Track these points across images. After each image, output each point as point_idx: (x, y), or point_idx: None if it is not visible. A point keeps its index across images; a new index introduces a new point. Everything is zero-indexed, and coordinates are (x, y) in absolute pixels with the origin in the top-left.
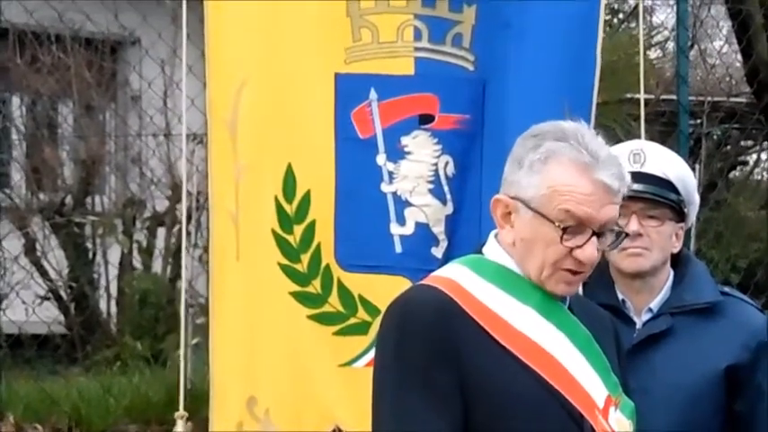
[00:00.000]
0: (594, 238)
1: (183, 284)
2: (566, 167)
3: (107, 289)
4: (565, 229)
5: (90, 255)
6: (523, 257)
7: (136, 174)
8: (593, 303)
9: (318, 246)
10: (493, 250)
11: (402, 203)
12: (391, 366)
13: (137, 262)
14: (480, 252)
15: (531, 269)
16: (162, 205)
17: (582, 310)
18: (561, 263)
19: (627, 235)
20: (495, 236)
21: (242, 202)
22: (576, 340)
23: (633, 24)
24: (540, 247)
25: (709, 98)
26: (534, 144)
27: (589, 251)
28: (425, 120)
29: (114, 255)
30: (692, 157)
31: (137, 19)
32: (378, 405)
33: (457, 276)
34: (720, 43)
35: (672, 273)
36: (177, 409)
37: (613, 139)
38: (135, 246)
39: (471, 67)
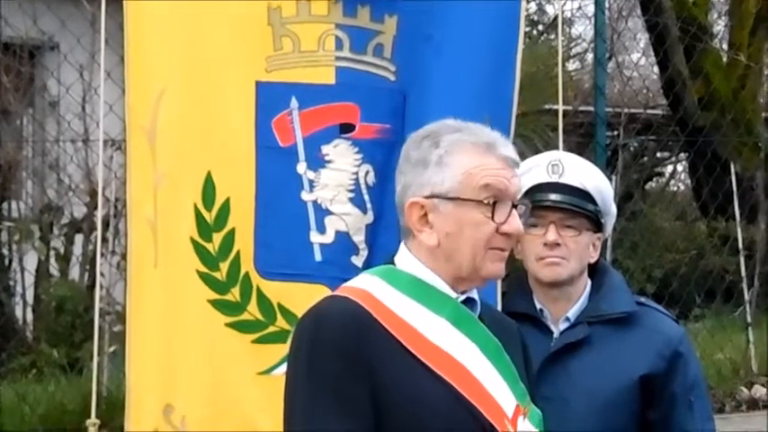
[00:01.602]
0: (515, 210)
1: (97, 292)
2: (471, 152)
3: (23, 296)
4: (493, 204)
5: (6, 261)
6: (452, 253)
7: (53, 180)
8: (501, 313)
9: (238, 254)
10: (405, 260)
11: (322, 212)
12: (303, 378)
13: (54, 269)
14: (392, 263)
15: (464, 260)
16: (80, 212)
17: (491, 320)
18: (491, 242)
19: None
20: (406, 245)
21: (160, 209)
22: (487, 350)
23: (552, 36)
24: (468, 234)
25: (626, 110)
26: (431, 142)
27: (515, 223)
28: (346, 129)
29: (31, 261)
30: (609, 167)
31: (55, 24)
32: (289, 416)
33: (370, 287)
34: (638, 56)
35: (589, 282)
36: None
37: (532, 149)
38: (52, 252)
39: (392, 78)
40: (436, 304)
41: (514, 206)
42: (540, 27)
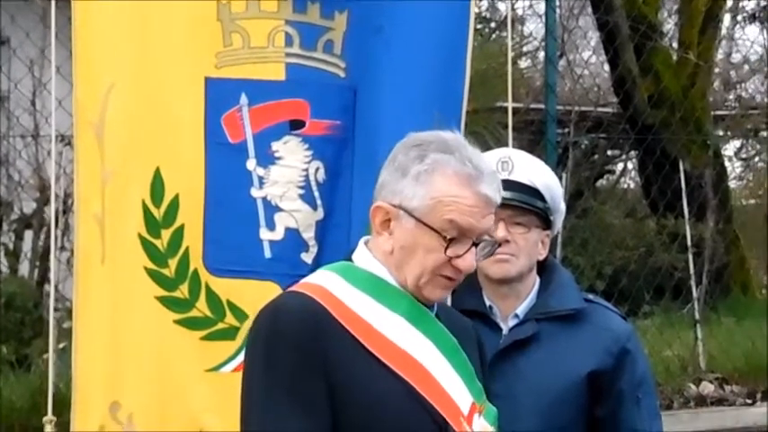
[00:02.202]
0: (474, 248)
1: (52, 288)
2: (451, 179)
3: None
4: (450, 239)
5: None
6: (401, 265)
7: (3, 175)
8: (457, 312)
9: (187, 250)
10: (362, 257)
11: (272, 209)
12: (260, 375)
13: (3, 265)
14: (350, 259)
15: (410, 276)
16: (29, 207)
17: (447, 318)
18: (440, 270)
19: (500, 244)
20: (366, 243)
21: (108, 205)
22: (443, 348)
23: (504, 34)
24: (420, 255)
25: (576, 108)
26: (418, 154)
27: (469, 260)
28: (296, 125)
29: None
30: (559, 165)
31: (5, 19)
32: (246, 414)
33: (327, 283)
34: (588, 54)
35: (538, 279)
36: (42, 414)
37: (483, 146)
38: (1, 248)
39: (342, 74)
40: (393, 301)
41: (476, 243)
42: (492, 25)
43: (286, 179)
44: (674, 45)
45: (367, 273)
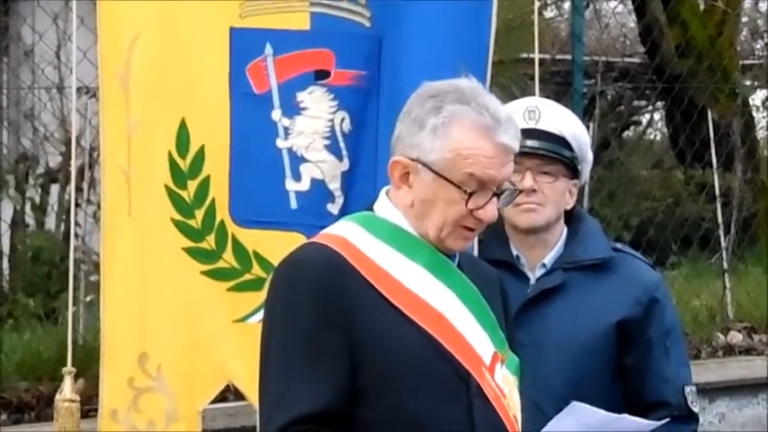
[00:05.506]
0: (495, 198)
1: (72, 241)
2: (469, 131)
3: None
4: (470, 193)
5: None
6: (422, 217)
7: (28, 129)
8: (481, 260)
9: (213, 201)
10: (384, 207)
11: (298, 159)
12: (279, 328)
13: (29, 219)
14: (371, 209)
15: (431, 228)
16: (55, 161)
17: (470, 267)
18: (462, 221)
19: (521, 191)
20: (387, 193)
21: (134, 156)
22: (465, 298)
23: None
24: (440, 208)
25: (603, 58)
26: (434, 106)
27: (491, 211)
28: (321, 75)
29: (6, 211)
30: (586, 116)
31: None
32: (264, 368)
33: (347, 234)
34: (615, 3)
35: (565, 229)
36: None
37: (509, 98)
38: (28, 202)
39: (368, 24)
40: (413, 251)
41: (496, 194)
42: None
43: (312, 130)
44: None
45: (388, 223)
